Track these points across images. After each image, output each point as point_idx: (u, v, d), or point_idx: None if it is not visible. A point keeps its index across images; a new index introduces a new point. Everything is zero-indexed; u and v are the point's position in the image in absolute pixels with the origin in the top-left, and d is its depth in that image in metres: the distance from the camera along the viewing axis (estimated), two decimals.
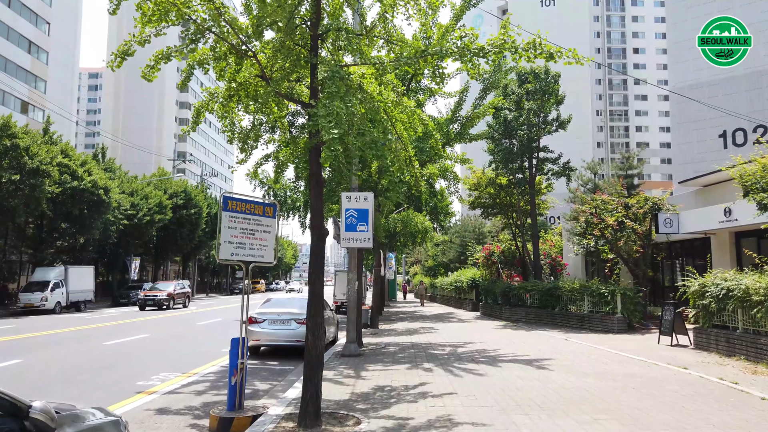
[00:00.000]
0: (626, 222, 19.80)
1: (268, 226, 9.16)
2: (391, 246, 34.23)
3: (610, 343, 16.21)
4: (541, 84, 24.10)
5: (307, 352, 7.82)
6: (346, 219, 14.38)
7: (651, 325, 19.86)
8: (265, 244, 9.08)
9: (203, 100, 10.81)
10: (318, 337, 7.82)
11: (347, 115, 6.70)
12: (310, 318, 7.89)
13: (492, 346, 15.91)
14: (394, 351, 15.12)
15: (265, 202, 9.23)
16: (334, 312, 19.70)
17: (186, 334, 21.21)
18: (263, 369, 13.48)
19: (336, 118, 6.48)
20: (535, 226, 26.10)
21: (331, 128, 6.45)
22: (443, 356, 13.84)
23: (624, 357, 13.23)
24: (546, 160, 25.86)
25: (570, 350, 14.66)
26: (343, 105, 6.54)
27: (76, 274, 37.46)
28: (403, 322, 26.00)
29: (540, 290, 23.48)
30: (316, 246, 8.11)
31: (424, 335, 19.44)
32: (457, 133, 15.46)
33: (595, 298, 20.21)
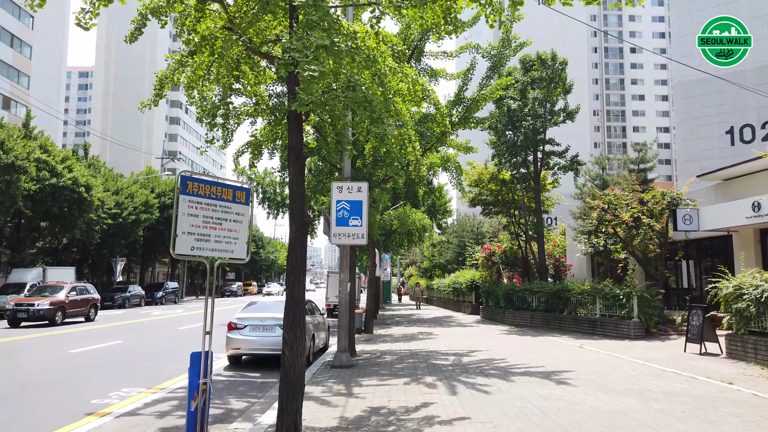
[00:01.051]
0: (643, 218, 18.21)
1: (239, 215, 7.49)
2: (387, 245, 32.58)
3: (630, 351, 14.61)
4: (548, 71, 22.50)
5: (283, 371, 6.18)
6: (337, 212, 12.73)
7: (669, 330, 18.29)
8: (235, 237, 7.41)
9: (167, 69, 9.19)
10: (298, 353, 6.18)
11: (332, 54, 5.04)
12: (288, 328, 6.26)
13: (500, 354, 14.28)
14: (391, 361, 13.46)
15: (236, 185, 7.56)
16: (326, 316, 18.02)
17: (164, 341, 19.48)
18: (242, 382, 11.81)
19: (315, 53, 4.82)
20: (540, 224, 24.50)
21: (310, 64, 4.79)
22: (447, 368, 12.19)
23: (654, 369, 11.61)
24: (552, 154, 24.24)
25: (589, 360, 13.04)
26: (326, 36, 4.87)
27: (55, 275, 35.60)
28: (400, 326, 24.35)
29: (547, 292, 21.87)
30: (296, 237, 6.47)
31: (424, 342, 17.79)
32: (461, 117, 13.85)
33: (609, 301, 18.61)
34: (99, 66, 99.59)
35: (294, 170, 6.53)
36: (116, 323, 26.96)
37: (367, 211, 12.67)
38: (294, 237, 6.51)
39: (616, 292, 18.17)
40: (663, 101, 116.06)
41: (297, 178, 6.52)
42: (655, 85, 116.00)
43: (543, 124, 23.04)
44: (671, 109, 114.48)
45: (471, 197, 28.50)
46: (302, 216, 6.46)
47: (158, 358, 15.04)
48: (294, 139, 6.49)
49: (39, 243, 40.34)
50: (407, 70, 7.81)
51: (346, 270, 13.07)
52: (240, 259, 7.50)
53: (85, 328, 24.23)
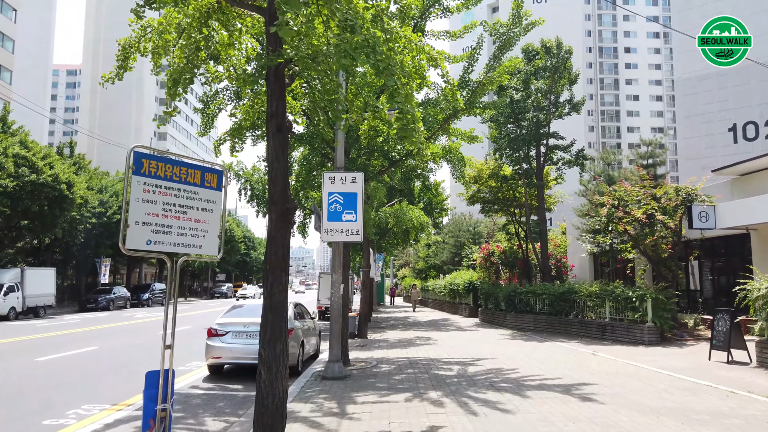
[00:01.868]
0: (657, 215, 16.99)
1: (209, 202, 6.18)
2: (381, 245, 31.28)
3: (649, 358, 13.37)
4: (552, 60, 21.25)
5: (259, 398, 4.90)
6: (329, 205, 11.43)
7: (684, 335, 17.07)
8: (204, 229, 6.10)
9: (131, 37, 7.86)
10: (278, 375, 4.90)
11: None
12: (266, 344, 4.98)
13: (508, 363, 13.00)
14: (388, 371, 12.15)
15: (205, 165, 6.24)
16: (317, 319, 16.69)
17: (141, 347, 18.07)
18: (222, 396, 10.47)
19: None
20: (543, 222, 23.24)
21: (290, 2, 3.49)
22: (452, 379, 10.89)
23: (684, 381, 10.36)
24: (556, 148, 22.99)
25: (608, 369, 11.78)
26: None
27: (34, 276, 34.09)
28: (395, 330, 23.04)
29: (551, 294, 20.62)
30: (277, 227, 5.19)
31: (423, 348, 16.49)
32: (466, 102, 12.55)
33: (620, 304, 17.39)
34: (86, 64, 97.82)
35: (275, 143, 5.24)
36: (96, 327, 25.51)
37: (362, 204, 11.37)
38: (274, 227, 5.22)
39: (628, 294, 16.94)
40: (657, 101, 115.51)
41: (278, 153, 5.23)
42: (649, 85, 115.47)
43: (547, 117, 21.80)
44: (665, 109, 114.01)
45: (469, 195, 27.27)
46: (284, 200, 5.17)
47: (131, 367, 13.66)
48: (274, 105, 5.20)
49: (19, 243, 38.75)
50: (410, 35, 6.52)
51: (339, 270, 11.75)
52: (210, 255, 6.19)
53: (62, 332, 22.78)
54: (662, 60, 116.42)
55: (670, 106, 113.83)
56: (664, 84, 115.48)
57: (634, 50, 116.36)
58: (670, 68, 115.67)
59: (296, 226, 27.13)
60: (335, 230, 11.30)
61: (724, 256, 20.02)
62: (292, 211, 5.39)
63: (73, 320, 30.76)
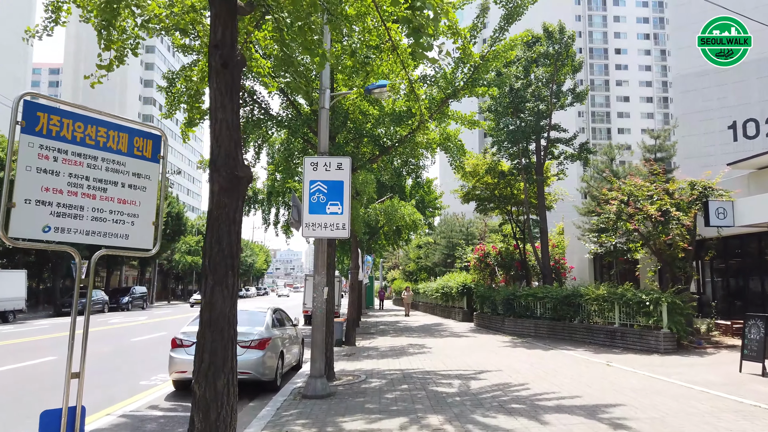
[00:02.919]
0: (672, 211, 15.56)
1: (140, 177, 4.59)
2: (370, 246, 29.66)
3: (671, 370, 11.90)
4: (555, 46, 19.80)
5: None
6: (310, 195, 9.86)
7: (702, 342, 15.64)
8: (132, 213, 4.51)
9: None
10: (220, 424, 3.26)
11: None
12: (202, 378, 3.41)
13: (515, 376, 11.46)
14: (379, 387, 10.56)
15: (135, 127, 4.64)
16: (300, 325, 15.08)
17: (105, 357, 16.34)
18: (183, 419, 8.84)
19: None
20: (544, 220, 21.76)
21: None
22: (453, 398, 9.33)
23: (726, 401, 8.86)
24: (558, 141, 21.53)
25: (632, 385, 10.27)
26: None
27: (1, 279, 32.20)
28: (386, 336, 21.45)
29: (554, 298, 19.12)
30: (221, 203, 3.66)
31: (417, 357, 14.93)
32: (468, 80, 11.01)
33: (631, 308, 15.94)
34: (68, 62, 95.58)
35: (219, 84, 3.71)
36: (63, 333, 23.69)
37: (349, 195, 9.81)
38: (217, 204, 3.70)
39: (641, 297, 15.48)
40: (648, 103, 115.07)
41: (224, 99, 3.71)
42: (639, 87, 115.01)
43: (548, 107, 20.34)
44: (656, 111, 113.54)
45: (464, 193, 25.78)
46: (232, 166, 3.65)
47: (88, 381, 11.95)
48: (219, 32, 3.68)
49: None
50: None
51: (323, 271, 10.16)
52: (142, 249, 4.58)
53: (25, 339, 20.98)
54: (652, 61, 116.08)
55: (660, 107, 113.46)
56: (654, 85, 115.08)
57: (624, 51, 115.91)
58: (661, 69, 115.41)
59: (280, 225, 25.45)
60: (318, 224, 9.73)
61: (739, 256, 18.65)
62: (244, 183, 3.87)
63: (43, 326, 28.90)
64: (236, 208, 3.88)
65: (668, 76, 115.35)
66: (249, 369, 10.54)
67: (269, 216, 25.77)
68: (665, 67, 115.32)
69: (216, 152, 3.90)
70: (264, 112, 11.80)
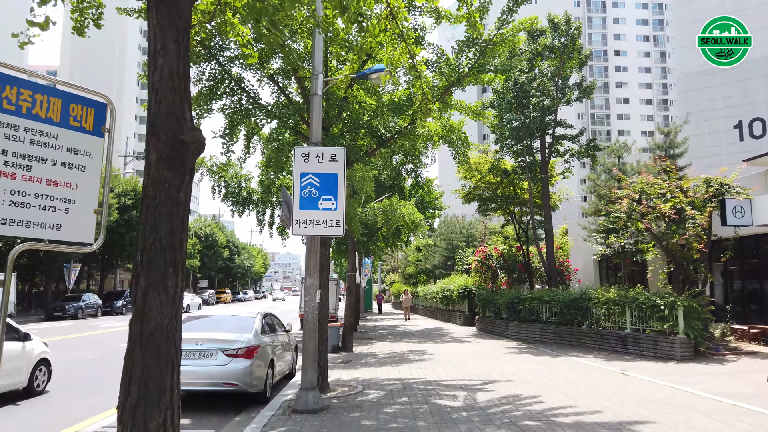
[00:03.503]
0: (687, 209, 14.69)
1: (78, 154, 3.71)
2: (368, 248, 28.74)
3: (693, 380, 11.01)
4: (560, 38, 18.93)
5: None
6: (301, 190, 8.97)
7: (720, 348, 14.76)
8: (66, 197, 3.62)
9: None
10: None
11: None
12: (129, 414, 2.47)
13: (525, 387, 10.56)
14: (377, 400, 9.66)
15: (71, 91, 3.74)
16: (293, 330, 14.18)
17: (88, 363, 15.42)
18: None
19: None
20: (549, 220, 20.87)
21: None
22: (459, 413, 8.43)
23: (765, 417, 7.97)
24: (563, 138, 20.65)
25: (654, 397, 9.37)
26: None
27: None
28: (384, 341, 20.53)
29: (561, 301, 18.23)
30: (160, 179, 2.78)
31: (418, 365, 14.02)
32: (473, 66, 10.15)
33: (644, 312, 15.05)
34: (64, 64, 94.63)
35: (160, 20, 2.82)
36: (52, 338, 22.73)
37: (344, 189, 8.92)
38: (154, 179, 2.83)
39: (655, 301, 14.58)
40: (648, 105, 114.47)
41: (165, 40, 2.84)
42: (639, 89, 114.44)
43: (553, 103, 19.47)
44: (655, 113, 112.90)
45: (465, 193, 24.91)
46: (174, 127, 2.78)
47: (60, 393, 11.08)
48: None
49: None
50: None
51: (315, 272, 9.26)
52: (80, 244, 3.69)
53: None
54: (652, 63, 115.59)
55: (660, 109, 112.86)
56: (654, 87, 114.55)
57: (624, 53, 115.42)
58: (660, 71, 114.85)
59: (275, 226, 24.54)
60: (310, 221, 8.85)
61: (754, 257, 17.78)
62: (192, 151, 3.00)
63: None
64: (181, 184, 3.00)
65: (668, 78, 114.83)
66: (235, 380, 9.66)
67: (264, 217, 24.89)
68: (665, 69, 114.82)
69: (154, 109, 3.02)
70: (253, 101, 10.94)
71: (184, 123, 3.04)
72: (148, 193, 3.05)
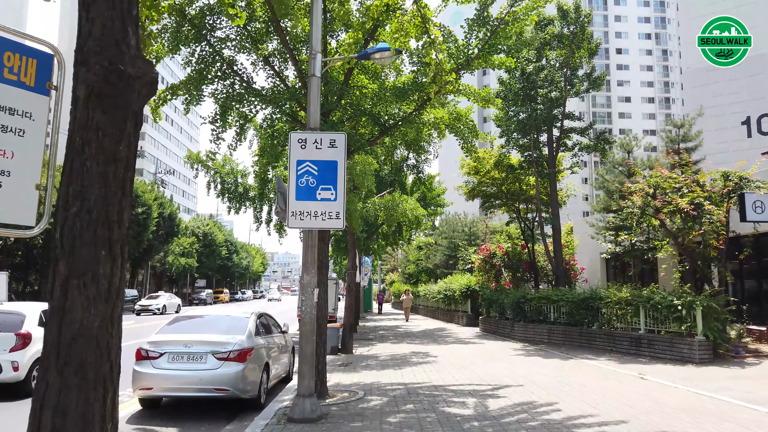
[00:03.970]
0: (705, 204, 13.96)
1: (12, 114, 2.94)
2: (368, 246, 27.99)
3: (716, 384, 10.28)
4: (569, 27, 18.18)
5: None
6: (298, 179, 8.24)
7: (741, 351, 14.03)
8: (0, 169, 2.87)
9: None
10: None
11: None
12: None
13: (539, 392, 9.82)
14: (380, 407, 8.92)
15: (3, 36, 2.99)
16: (290, 331, 13.44)
17: None
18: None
19: None
20: (556, 217, 20.12)
21: None
22: (470, 422, 7.69)
23: None
24: (572, 131, 19.90)
25: (680, 405, 8.64)
26: None
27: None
28: (385, 342, 19.79)
29: (570, 301, 17.49)
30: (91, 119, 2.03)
31: (422, 368, 13.29)
32: (483, 47, 9.39)
33: (660, 312, 14.31)
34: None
35: None
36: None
37: (344, 177, 8.19)
38: (82, 121, 2.07)
39: (672, 300, 13.85)
40: (650, 103, 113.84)
41: None
42: (641, 87, 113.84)
43: (562, 94, 18.71)
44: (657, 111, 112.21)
45: (469, 189, 24.18)
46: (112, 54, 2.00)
47: None
48: None
49: None
50: None
51: (312, 269, 8.52)
52: (18, 227, 2.94)
53: None
54: (654, 61, 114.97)
55: (662, 107, 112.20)
56: (656, 86, 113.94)
57: (625, 51, 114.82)
58: (662, 70, 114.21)
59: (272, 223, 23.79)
60: (307, 213, 8.11)
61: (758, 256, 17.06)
62: (135, 87, 2.26)
63: None
64: (121, 134, 2.27)
65: (670, 76, 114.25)
66: (226, 385, 8.92)
67: (261, 214, 24.18)
68: (667, 67, 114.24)
69: (86, 30, 2.28)
70: (246, 86, 10.20)
71: (127, 50, 2.29)
72: (74, 145, 2.29)
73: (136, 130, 2.40)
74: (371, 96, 10.39)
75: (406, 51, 10.76)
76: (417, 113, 10.23)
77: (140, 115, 2.39)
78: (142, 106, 2.41)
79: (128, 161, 2.37)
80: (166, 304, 42.02)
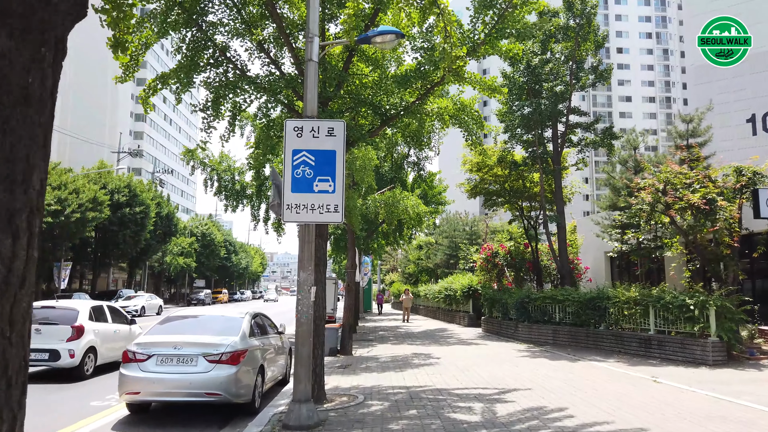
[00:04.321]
0: (718, 200, 13.45)
1: None
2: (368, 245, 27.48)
3: (734, 388, 9.77)
4: (575, 18, 17.66)
5: None
6: (293, 169, 7.72)
7: (755, 352, 13.52)
8: None
9: None
10: None
11: None
12: None
13: (548, 397, 9.30)
14: (381, 413, 8.39)
15: None
16: (287, 332, 12.90)
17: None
18: None
19: None
20: (562, 215, 19.60)
21: None
22: (479, 430, 7.17)
23: None
24: (578, 126, 19.39)
25: (702, 411, 8.12)
26: None
27: None
28: (386, 343, 19.27)
29: (576, 301, 16.98)
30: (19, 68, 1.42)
31: (424, 370, 12.76)
32: (490, 31, 8.88)
33: (671, 313, 13.80)
34: None
35: None
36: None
37: (343, 168, 7.66)
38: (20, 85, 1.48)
39: (684, 300, 13.33)
40: (651, 103, 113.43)
41: None
42: (642, 86, 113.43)
43: (567, 88, 18.20)
44: (658, 111, 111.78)
45: (470, 187, 23.65)
46: None
47: None
48: None
49: None
50: None
51: (309, 266, 7.99)
52: None
53: None
54: (655, 61, 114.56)
55: (663, 107, 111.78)
56: (657, 85, 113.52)
57: (626, 50, 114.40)
58: (663, 69, 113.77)
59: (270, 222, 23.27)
60: (303, 206, 7.59)
61: None
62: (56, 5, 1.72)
63: None
64: (34, 66, 1.72)
65: (671, 75, 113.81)
66: (218, 389, 8.40)
67: (258, 212, 23.65)
68: (668, 66, 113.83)
69: None
70: (240, 73, 9.68)
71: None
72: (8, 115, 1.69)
73: (56, 62, 1.85)
74: (371, 85, 9.88)
75: (409, 38, 10.26)
76: (420, 102, 9.72)
77: (63, 42, 1.85)
78: (66, 30, 1.86)
79: (42, 102, 1.82)
80: (144, 305, 39.69)
